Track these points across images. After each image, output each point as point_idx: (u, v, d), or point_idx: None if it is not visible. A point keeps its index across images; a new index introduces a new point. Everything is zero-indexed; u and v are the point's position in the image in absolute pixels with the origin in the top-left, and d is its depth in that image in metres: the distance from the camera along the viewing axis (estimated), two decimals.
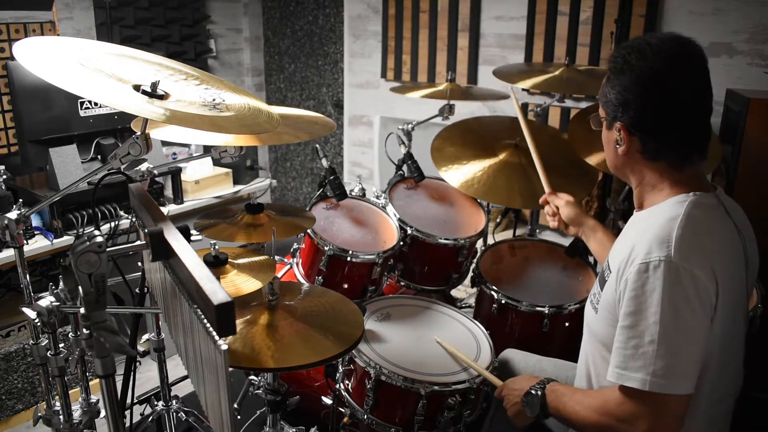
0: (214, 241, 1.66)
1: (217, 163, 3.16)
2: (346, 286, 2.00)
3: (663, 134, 1.24)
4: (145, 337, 2.09)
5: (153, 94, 1.15)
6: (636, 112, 1.23)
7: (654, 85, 1.21)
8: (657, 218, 1.21)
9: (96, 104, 2.58)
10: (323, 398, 1.86)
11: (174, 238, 0.99)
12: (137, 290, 1.93)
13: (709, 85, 1.23)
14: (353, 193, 2.30)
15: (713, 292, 1.14)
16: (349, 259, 1.95)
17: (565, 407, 1.30)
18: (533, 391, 1.36)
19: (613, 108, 1.27)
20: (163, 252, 0.99)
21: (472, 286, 2.13)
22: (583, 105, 2.93)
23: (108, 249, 0.95)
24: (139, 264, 1.90)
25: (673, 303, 1.11)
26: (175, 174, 2.86)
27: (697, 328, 1.13)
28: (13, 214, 1.33)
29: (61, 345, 1.46)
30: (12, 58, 2.68)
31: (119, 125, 2.68)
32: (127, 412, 2.02)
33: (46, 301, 1.32)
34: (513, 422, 1.45)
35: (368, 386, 1.64)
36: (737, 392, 1.32)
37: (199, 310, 0.89)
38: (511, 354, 1.74)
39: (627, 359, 1.15)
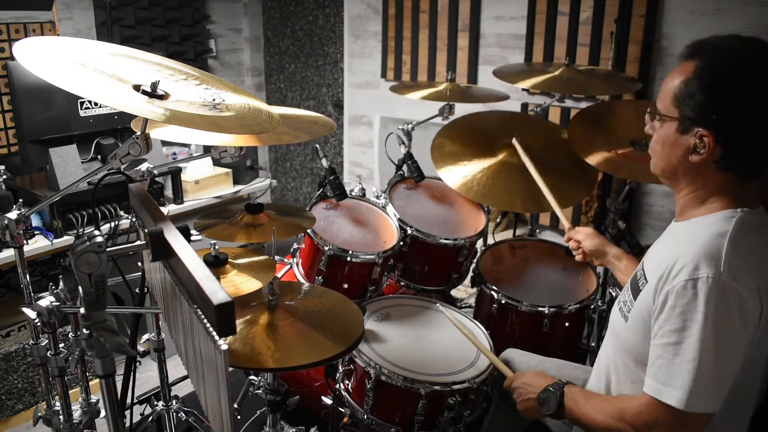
0: (214, 241, 1.66)
1: (217, 163, 3.16)
2: (346, 286, 2.00)
3: (752, 145, 1.16)
4: (145, 337, 2.09)
5: (153, 94, 1.15)
6: (729, 119, 1.13)
7: (757, 89, 1.12)
8: (703, 232, 1.17)
9: (96, 104, 2.58)
10: (323, 398, 1.86)
11: (174, 238, 0.99)
12: (137, 290, 1.93)
13: None
14: (353, 193, 2.30)
15: (757, 314, 1.13)
16: (349, 259, 1.95)
17: (581, 411, 1.30)
18: (552, 389, 1.36)
19: (698, 110, 1.16)
20: (163, 252, 0.99)
21: (472, 286, 2.13)
22: (583, 105, 2.92)
23: (108, 249, 0.95)
24: (139, 264, 1.90)
25: (718, 323, 1.09)
26: (175, 174, 2.86)
27: (737, 351, 1.12)
28: (13, 214, 1.33)
29: (61, 345, 1.46)
30: (12, 58, 2.68)
31: (119, 125, 2.68)
32: (127, 412, 2.02)
33: (46, 301, 1.32)
34: (522, 414, 1.46)
35: (368, 386, 1.64)
36: (758, 404, 1.32)
37: (199, 310, 0.89)
38: (513, 354, 1.74)
39: (670, 376, 1.13)
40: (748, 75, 1.13)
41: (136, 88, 1.15)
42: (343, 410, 1.79)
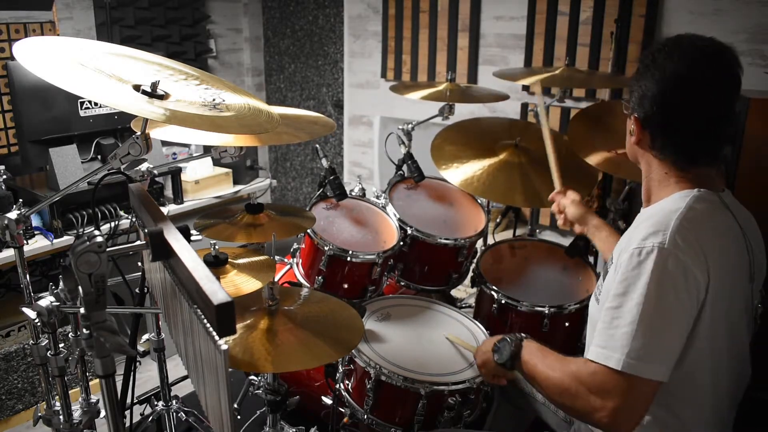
0: (214, 241, 1.66)
1: (217, 163, 3.16)
2: (346, 286, 2.00)
3: (671, 135, 1.25)
4: (145, 337, 2.09)
5: (153, 94, 1.15)
6: (650, 109, 1.24)
7: (672, 87, 1.22)
8: (660, 210, 1.23)
9: (96, 104, 2.58)
10: (323, 398, 1.86)
11: (174, 238, 0.99)
12: (137, 290, 1.93)
13: (731, 96, 1.22)
14: (353, 193, 2.30)
15: (703, 286, 1.15)
16: (349, 259, 1.95)
17: (536, 366, 1.32)
18: (509, 339, 1.41)
19: (634, 99, 1.28)
20: (163, 252, 0.99)
21: (472, 286, 2.13)
22: (583, 105, 2.92)
23: (108, 249, 0.95)
24: (139, 264, 1.90)
25: (660, 289, 1.12)
26: (175, 174, 2.86)
27: (679, 317, 1.14)
28: (13, 214, 1.33)
29: (61, 345, 1.46)
30: (12, 58, 2.68)
31: (119, 125, 2.68)
32: (127, 412, 2.02)
33: (46, 301, 1.32)
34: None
35: (368, 386, 1.64)
36: (740, 396, 1.33)
37: (199, 310, 0.89)
38: None
39: (608, 339, 1.16)
40: (669, 71, 1.21)
41: (136, 88, 1.14)
42: (343, 410, 1.79)
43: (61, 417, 1.50)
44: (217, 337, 0.84)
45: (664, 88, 1.22)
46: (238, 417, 2.16)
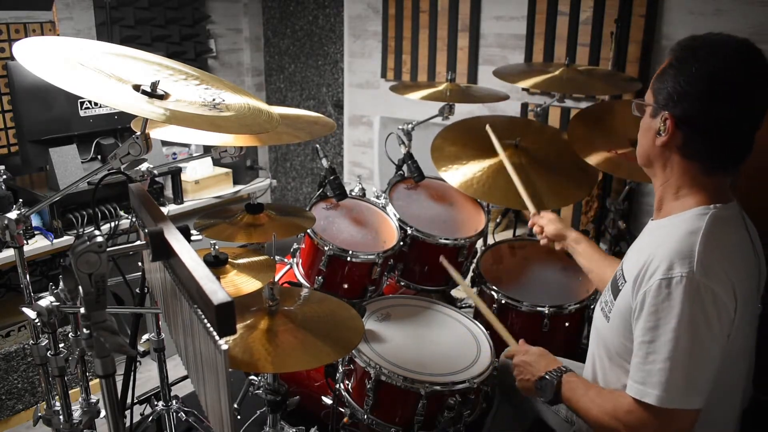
0: (214, 241, 1.66)
1: (217, 163, 3.16)
2: (346, 286, 2.00)
3: (712, 136, 1.19)
4: (145, 337, 2.09)
5: (153, 94, 1.15)
6: (690, 107, 1.18)
7: (721, 84, 1.16)
8: (677, 230, 1.19)
9: (96, 104, 2.58)
10: (323, 398, 1.87)
11: (174, 238, 0.99)
12: (137, 290, 1.93)
13: (767, 101, 1.18)
14: (353, 193, 2.30)
15: (732, 309, 1.14)
16: (349, 259, 1.95)
17: (578, 402, 1.31)
18: (549, 378, 1.38)
19: (666, 96, 1.21)
20: (163, 252, 0.99)
21: (472, 286, 2.13)
22: (583, 105, 2.92)
23: (108, 249, 0.95)
24: (139, 264, 1.90)
25: (693, 321, 1.11)
26: (175, 174, 2.86)
27: (713, 347, 1.13)
28: (13, 214, 1.33)
29: (61, 345, 1.46)
30: (12, 58, 2.68)
31: (119, 125, 2.68)
32: (127, 412, 2.02)
33: (46, 301, 1.32)
34: (520, 390, 1.50)
35: (368, 386, 1.64)
36: (746, 403, 1.33)
37: (199, 310, 0.89)
38: None
39: (645, 375, 1.15)
40: (717, 67, 1.16)
41: (136, 88, 1.14)
42: (343, 410, 1.79)
43: (61, 417, 1.50)
44: (217, 337, 0.84)
45: (712, 87, 1.16)
46: (238, 417, 2.16)
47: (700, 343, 1.12)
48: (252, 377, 2.06)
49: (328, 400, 1.83)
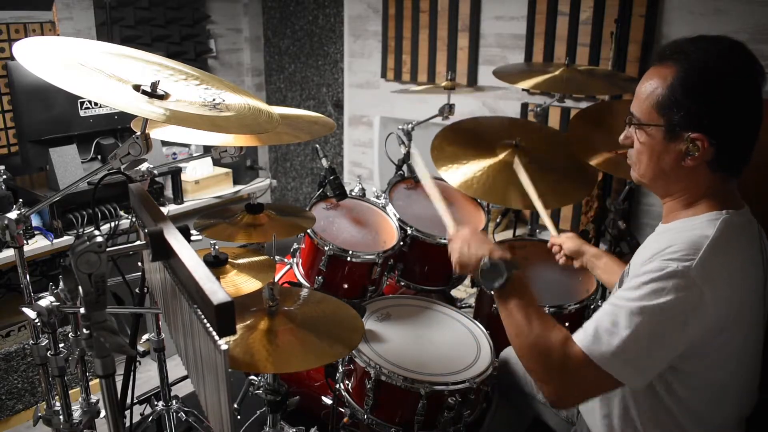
0: (214, 241, 1.66)
1: (217, 163, 3.16)
2: (346, 286, 2.00)
3: (739, 145, 1.18)
4: (145, 337, 2.09)
5: (153, 94, 1.15)
6: (724, 118, 1.14)
7: (750, 99, 1.15)
8: (690, 228, 1.18)
9: (96, 104, 2.58)
10: (323, 398, 1.87)
11: (174, 238, 0.99)
12: (137, 290, 1.93)
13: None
14: (353, 193, 2.30)
15: (714, 318, 1.12)
16: (349, 259, 1.95)
17: (518, 312, 1.26)
18: (501, 266, 1.30)
19: (688, 113, 1.15)
20: (163, 252, 0.99)
21: (472, 286, 2.13)
22: (583, 105, 2.92)
23: (108, 249, 0.95)
24: (139, 264, 1.90)
25: (667, 313, 1.11)
26: (175, 174, 2.86)
27: (677, 341, 1.13)
28: (13, 214, 1.33)
29: (61, 345, 1.46)
30: (12, 58, 2.68)
31: (119, 125, 2.68)
32: (127, 412, 2.02)
33: (46, 301, 1.32)
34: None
35: (368, 386, 1.64)
36: (750, 410, 1.32)
37: (199, 310, 0.89)
38: (512, 353, 1.74)
39: (603, 331, 1.14)
40: (731, 75, 1.14)
41: (136, 88, 1.14)
42: (343, 410, 1.79)
43: (61, 417, 1.50)
44: (217, 338, 0.84)
45: (742, 102, 1.15)
46: (238, 417, 2.16)
47: (664, 335, 1.12)
48: (252, 377, 2.06)
49: (328, 400, 1.83)
